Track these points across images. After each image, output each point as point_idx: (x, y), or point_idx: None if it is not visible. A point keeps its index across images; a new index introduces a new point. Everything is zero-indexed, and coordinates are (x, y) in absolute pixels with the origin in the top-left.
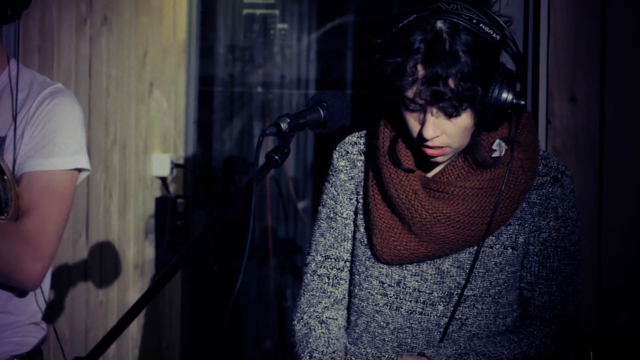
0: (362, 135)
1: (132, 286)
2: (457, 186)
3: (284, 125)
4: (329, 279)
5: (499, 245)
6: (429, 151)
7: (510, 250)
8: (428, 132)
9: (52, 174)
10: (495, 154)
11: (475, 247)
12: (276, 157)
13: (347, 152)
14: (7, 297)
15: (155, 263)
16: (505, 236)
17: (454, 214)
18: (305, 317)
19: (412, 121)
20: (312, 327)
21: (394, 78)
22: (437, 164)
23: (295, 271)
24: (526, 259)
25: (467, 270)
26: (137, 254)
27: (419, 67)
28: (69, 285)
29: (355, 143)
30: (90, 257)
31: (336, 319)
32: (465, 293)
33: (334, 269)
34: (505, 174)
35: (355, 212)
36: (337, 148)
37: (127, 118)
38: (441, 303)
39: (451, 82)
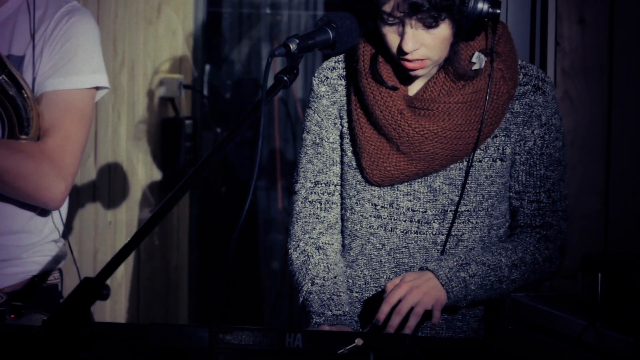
0: (340, 59)
1: (140, 207)
2: (441, 102)
3: (292, 46)
4: (321, 204)
5: (487, 159)
6: (409, 64)
7: (499, 162)
8: (408, 45)
9: (72, 92)
10: (475, 67)
11: (465, 162)
12: (285, 78)
13: (327, 78)
14: (28, 217)
15: (163, 184)
16: (493, 149)
17: (441, 130)
18: (301, 244)
19: (391, 35)
20: (309, 254)
21: None
22: (417, 78)
23: None
24: (513, 168)
25: (459, 187)
26: (146, 175)
27: None
28: (78, 207)
29: (334, 68)
30: (98, 179)
31: (332, 244)
32: (459, 209)
33: (325, 194)
34: (488, 85)
35: (341, 137)
36: (315, 74)
37: (135, 39)
38: (436, 221)
39: None
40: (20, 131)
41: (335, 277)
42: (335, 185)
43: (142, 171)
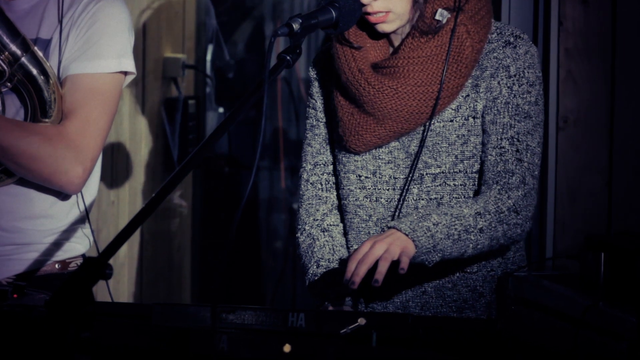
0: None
1: (143, 187)
2: (403, 58)
3: (295, 26)
4: (322, 184)
5: (459, 117)
6: (372, 18)
7: (472, 119)
8: None
9: (96, 76)
10: (440, 24)
11: (437, 123)
12: (288, 57)
13: (319, 60)
14: (50, 202)
15: (166, 164)
16: (465, 107)
17: (402, 86)
18: (307, 227)
19: None
20: (315, 237)
21: None
22: (385, 36)
23: None
24: (482, 121)
25: (431, 148)
26: (149, 155)
27: None
28: None
29: (326, 50)
30: (101, 158)
31: (337, 225)
32: (432, 171)
33: (325, 174)
34: (450, 38)
35: (333, 114)
36: (312, 60)
37: (136, 20)
38: (415, 186)
39: None
40: (42, 114)
41: (340, 259)
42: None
43: (145, 151)
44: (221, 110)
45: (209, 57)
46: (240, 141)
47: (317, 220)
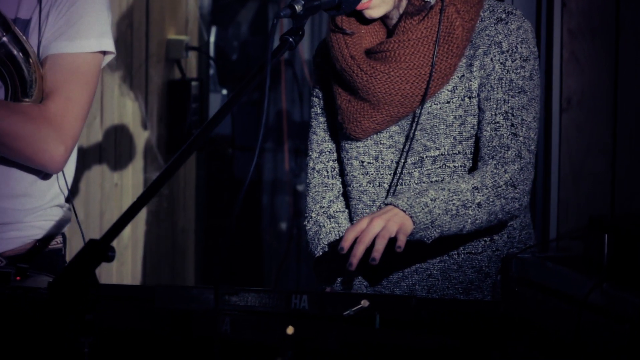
0: None
1: (146, 169)
2: (394, 42)
3: (298, 7)
4: (327, 171)
5: (455, 98)
6: (358, 5)
7: (468, 100)
8: None
9: (76, 56)
10: (429, 4)
11: (433, 105)
12: (290, 39)
13: (321, 49)
14: (31, 181)
15: (169, 146)
16: (460, 88)
17: (394, 70)
18: (313, 215)
19: None
20: (321, 224)
21: None
22: (374, 21)
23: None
24: (478, 99)
25: (429, 130)
26: (152, 137)
27: None
28: (84, 169)
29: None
30: (104, 140)
31: (344, 212)
32: (432, 154)
33: (330, 161)
34: (439, 19)
35: (334, 102)
36: (315, 48)
37: (140, 2)
38: (415, 169)
39: None
40: (23, 94)
41: None
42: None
43: (149, 133)
44: (224, 92)
45: (212, 39)
46: (244, 123)
47: (324, 207)
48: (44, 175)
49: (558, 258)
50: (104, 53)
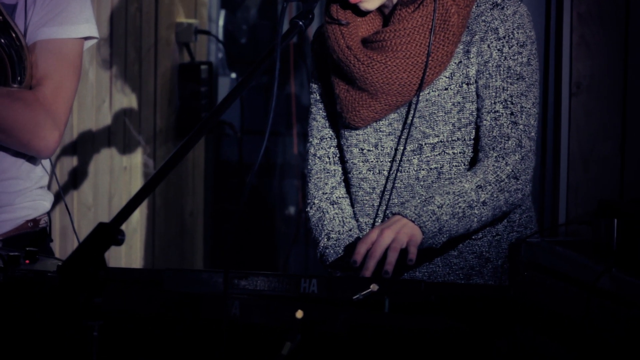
0: None
1: (155, 152)
2: (390, 31)
3: None
4: (329, 157)
5: (453, 85)
6: None
7: (466, 86)
8: None
9: (66, 41)
10: None
11: (431, 92)
12: (300, 22)
13: (318, 36)
14: (19, 164)
15: (178, 130)
16: (458, 74)
17: (390, 59)
18: (316, 201)
19: None
20: (324, 210)
21: None
22: (368, 13)
23: None
24: (476, 86)
25: (427, 117)
26: (161, 120)
27: None
28: (93, 152)
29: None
30: (113, 124)
31: (346, 197)
32: (431, 141)
33: (332, 147)
34: (434, 7)
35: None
36: (312, 36)
37: None
38: (415, 156)
39: None
40: (13, 79)
41: (350, 230)
42: None
43: (158, 117)
44: (233, 75)
45: (221, 22)
46: (253, 107)
47: (326, 193)
48: (29, 157)
49: (567, 242)
50: (86, 38)
